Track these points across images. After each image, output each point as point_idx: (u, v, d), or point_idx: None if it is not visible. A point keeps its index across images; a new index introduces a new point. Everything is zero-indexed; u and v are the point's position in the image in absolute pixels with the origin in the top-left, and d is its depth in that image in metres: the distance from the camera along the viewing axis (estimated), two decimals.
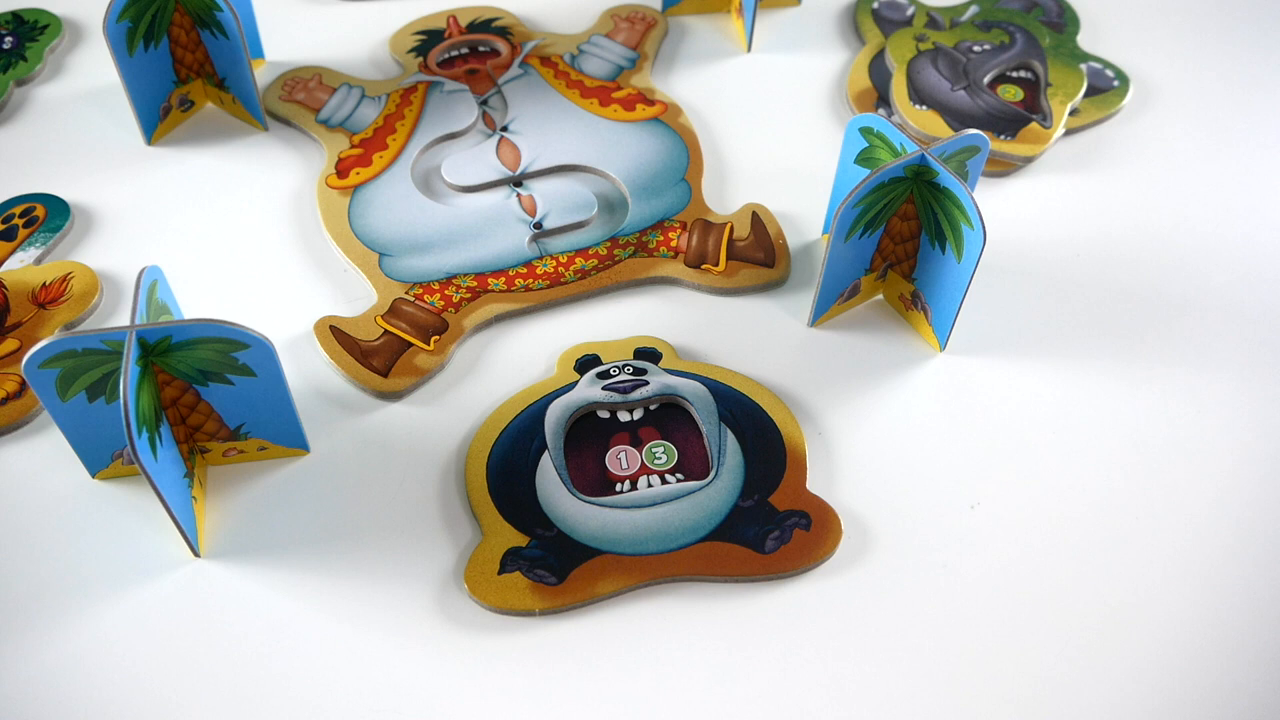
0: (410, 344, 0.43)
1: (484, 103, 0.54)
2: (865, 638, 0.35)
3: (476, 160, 0.51)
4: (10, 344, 0.43)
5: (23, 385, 0.42)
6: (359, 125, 0.53)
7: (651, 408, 0.41)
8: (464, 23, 0.59)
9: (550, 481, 0.39)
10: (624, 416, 0.41)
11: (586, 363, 0.42)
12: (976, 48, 0.57)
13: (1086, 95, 0.55)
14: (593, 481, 0.39)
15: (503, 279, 0.46)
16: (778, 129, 0.54)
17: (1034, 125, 0.53)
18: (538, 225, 0.48)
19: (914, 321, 0.45)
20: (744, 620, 0.36)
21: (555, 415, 0.40)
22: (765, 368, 0.43)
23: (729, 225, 0.48)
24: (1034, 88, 0.56)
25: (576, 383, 0.42)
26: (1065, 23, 0.59)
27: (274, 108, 0.54)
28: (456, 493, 0.39)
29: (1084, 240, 0.49)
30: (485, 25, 0.59)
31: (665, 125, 0.53)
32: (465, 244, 0.47)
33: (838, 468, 0.40)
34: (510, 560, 0.36)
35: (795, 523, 0.37)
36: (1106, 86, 0.55)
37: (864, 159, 0.43)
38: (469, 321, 0.44)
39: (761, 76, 0.57)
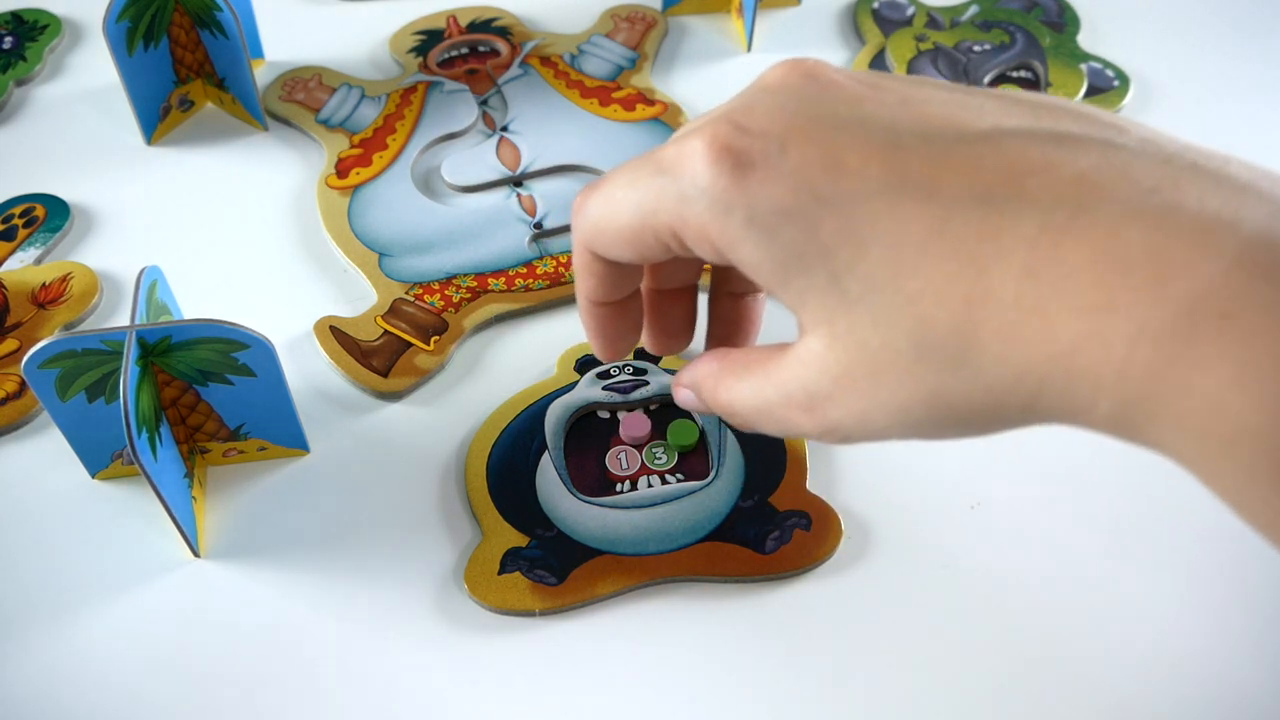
0: (410, 344, 0.43)
1: (484, 103, 0.54)
2: (865, 638, 0.35)
3: (476, 160, 0.51)
4: (10, 344, 0.43)
5: (22, 385, 0.42)
6: (359, 125, 0.53)
7: (652, 408, 0.41)
8: (464, 23, 0.59)
9: (550, 481, 0.39)
10: (624, 416, 0.41)
11: (586, 363, 0.42)
12: (976, 48, 0.57)
13: (1086, 95, 0.55)
14: (593, 481, 0.39)
15: (503, 279, 0.46)
16: None
17: None
18: (538, 225, 0.48)
19: None
20: (744, 620, 0.36)
21: (555, 415, 0.40)
22: None
23: None
24: (1034, 88, 0.55)
25: (576, 383, 0.42)
26: (1065, 23, 0.59)
27: (274, 108, 0.54)
28: (456, 493, 0.39)
29: None
30: (485, 25, 0.59)
31: (665, 125, 0.53)
32: (465, 244, 0.47)
33: (838, 468, 0.40)
34: (510, 560, 0.36)
35: (795, 523, 0.37)
36: (1106, 86, 0.55)
37: None
38: (469, 321, 0.44)
39: None
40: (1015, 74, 0.56)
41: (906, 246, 0.22)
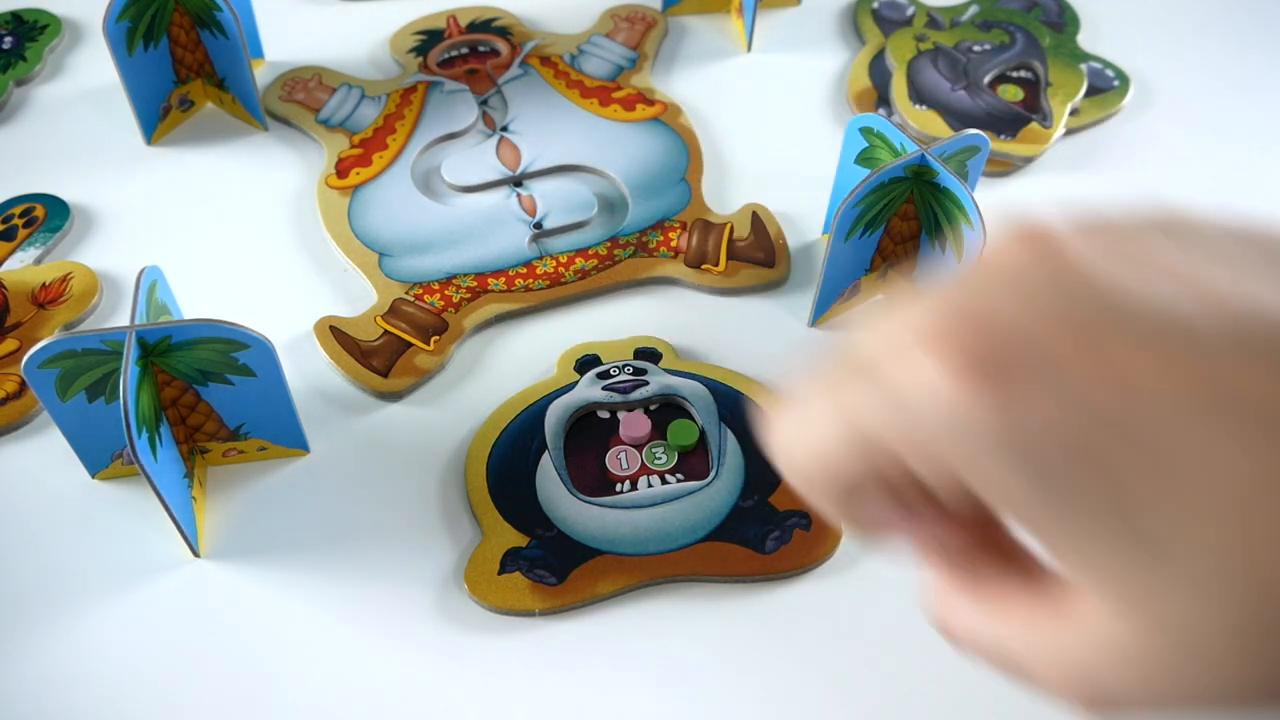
0: (410, 344, 0.43)
1: (484, 103, 0.54)
2: (865, 637, 0.35)
3: (476, 160, 0.51)
4: (10, 344, 0.43)
5: (22, 385, 0.42)
6: (359, 125, 0.53)
7: (652, 408, 0.41)
8: (464, 23, 0.59)
9: (550, 481, 0.39)
10: (624, 416, 0.41)
11: (586, 363, 0.42)
12: (976, 48, 0.57)
13: (1086, 95, 0.55)
14: (593, 482, 0.39)
15: (503, 279, 0.46)
16: (778, 129, 0.54)
17: (1034, 125, 0.53)
18: (538, 225, 0.48)
19: None
20: (744, 620, 0.36)
21: (555, 415, 0.40)
22: (765, 367, 0.43)
23: (729, 225, 0.48)
24: (1034, 88, 0.56)
25: (576, 383, 0.42)
26: (1065, 23, 0.59)
27: (274, 108, 0.54)
28: (456, 493, 0.39)
29: None
30: (485, 25, 0.59)
31: (665, 125, 0.53)
32: (465, 244, 0.47)
33: None
34: (510, 560, 0.36)
35: (795, 523, 0.37)
36: (1106, 86, 0.55)
37: (864, 159, 0.43)
38: (469, 321, 0.44)
39: (761, 76, 0.57)
40: (1015, 74, 0.56)
41: (1231, 487, 0.17)
